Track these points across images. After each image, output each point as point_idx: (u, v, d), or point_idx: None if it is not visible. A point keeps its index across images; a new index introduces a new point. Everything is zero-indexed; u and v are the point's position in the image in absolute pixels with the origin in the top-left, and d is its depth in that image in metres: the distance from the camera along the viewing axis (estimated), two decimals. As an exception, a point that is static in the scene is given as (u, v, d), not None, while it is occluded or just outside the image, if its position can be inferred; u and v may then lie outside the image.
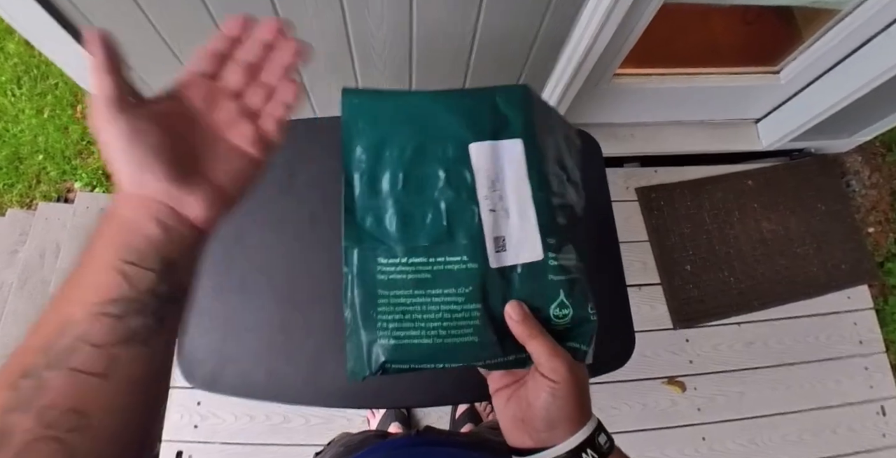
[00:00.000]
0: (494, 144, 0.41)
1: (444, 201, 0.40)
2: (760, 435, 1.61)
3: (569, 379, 0.38)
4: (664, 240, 1.77)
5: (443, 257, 0.39)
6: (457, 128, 0.41)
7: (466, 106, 0.42)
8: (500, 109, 0.42)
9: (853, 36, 1.38)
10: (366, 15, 1.04)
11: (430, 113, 0.41)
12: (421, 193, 0.40)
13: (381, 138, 0.41)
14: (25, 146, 1.91)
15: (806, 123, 1.66)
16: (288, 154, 0.86)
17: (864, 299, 1.80)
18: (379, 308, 0.39)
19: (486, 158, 0.41)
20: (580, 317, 0.41)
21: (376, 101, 0.42)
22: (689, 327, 1.69)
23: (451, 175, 0.40)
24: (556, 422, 0.38)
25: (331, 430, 1.46)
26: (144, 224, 0.33)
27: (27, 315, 1.55)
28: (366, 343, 0.39)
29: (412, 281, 0.39)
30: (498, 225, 0.40)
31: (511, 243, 0.40)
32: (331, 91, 1.34)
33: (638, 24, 1.23)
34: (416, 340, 0.38)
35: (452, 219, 0.40)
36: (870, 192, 1.99)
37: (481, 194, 0.40)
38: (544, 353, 0.38)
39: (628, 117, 1.75)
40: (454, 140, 0.41)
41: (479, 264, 0.40)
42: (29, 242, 1.65)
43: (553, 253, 0.40)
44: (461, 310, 0.39)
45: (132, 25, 1.05)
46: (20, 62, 2.02)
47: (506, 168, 0.41)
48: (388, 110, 0.42)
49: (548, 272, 0.40)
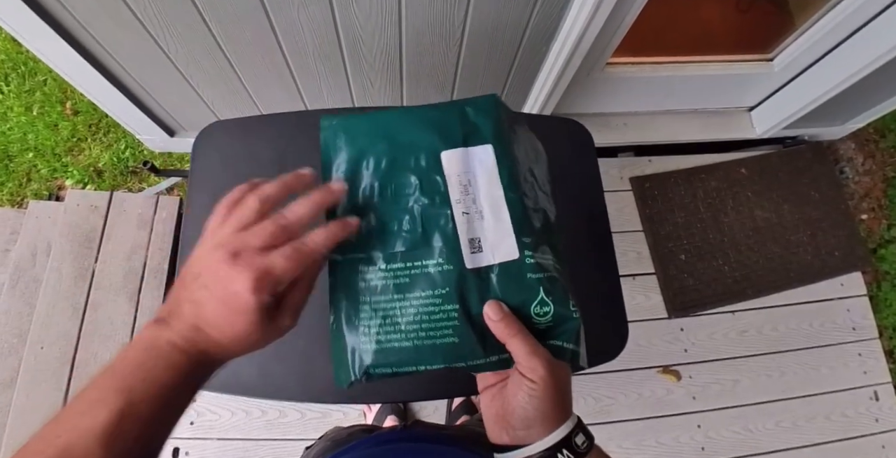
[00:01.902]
0: (465, 150, 0.43)
1: (419, 208, 0.42)
2: (755, 422, 1.62)
3: (547, 379, 0.37)
4: (658, 229, 1.77)
5: (420, 261, 0.41)
6: (428, 138, 0.43)
7: (437, 118, 0.44)
8: (469, 119, 0.44)
9: (846, 22, 1.38)
10: (353, 7, 1.03)
11: (403, 127, 0.43)
12: (396, 201, 0.42)
13: (357, 154, 0.43)
14: (15, 144, 1.89)
15: (800, 111, 1.66)
16: (279, 148, 0.85)
17: (858, 285, 1.81)
18: (361, 314, 0.40)
19: (458, 164, 0.42)
20: (561, 315, 0.40)
21: (350, 121, 0.44)
22: (683, 316, 1.70)
23: (424, 182, 0.42)
24: (532, 421, 0.38)
25: (327, 424, 1.46)
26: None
27: (19, 314, 1.55)
28: (349, 349, 0.40)
29: (392, 286, 0.40)
30: (472, 227, 0.41)
31: (487, 243, 0.41)
32: (320, 85, 1.33)
33: (630, 11, 1.22)
34: (397, 343, 0.39)
35: (427, 224, 0.41)
36: (863, 178, 2.00)
37: (454, 198, 0.42)
38: (523, 352, 0.38)
39: (621, 107, 1.75)
40: (426, 150, 0.43)
41: (455, 265, 0.40)
42: (20, 241, 1.64)
43: (530, 251, 0.41)
44: (439, 311, 0.39)
45: (118, 22, 1.04)
46: (7, 59, 1.99)
47: (477, 172, 0.42)
48: (363, 129, 0.44)
49: (525, 271, 0.40)
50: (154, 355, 0.35)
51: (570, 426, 0.38)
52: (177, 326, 0.36)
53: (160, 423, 0.34)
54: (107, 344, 1.51)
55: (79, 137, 1.90)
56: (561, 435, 0.38)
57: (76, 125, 1.90)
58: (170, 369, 0.35)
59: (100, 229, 1.63)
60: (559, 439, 0.38)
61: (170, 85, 1.30)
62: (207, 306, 0.35)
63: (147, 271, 1.60)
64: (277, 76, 1.27)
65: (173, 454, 1.39)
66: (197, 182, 0.84)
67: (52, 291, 1.55)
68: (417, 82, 1.34)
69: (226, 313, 0.35)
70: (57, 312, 1.53)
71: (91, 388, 0.33)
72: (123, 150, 1.87)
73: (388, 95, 1.39)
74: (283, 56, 1.19)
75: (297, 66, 1.23)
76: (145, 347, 0.35)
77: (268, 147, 0.86)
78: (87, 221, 1.63)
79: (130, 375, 0.34)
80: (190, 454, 1.41)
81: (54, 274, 1.56)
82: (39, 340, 1.50)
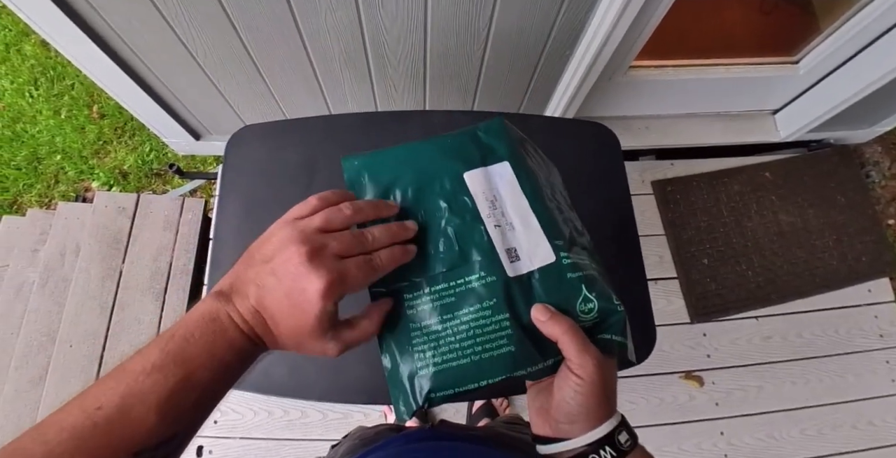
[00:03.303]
0: (485, 169, 0.45)
1: (452, 228, 0.43)
2: (779, 430, 1.59)
3: (594, 376, 0.37)
4: (681, 233, 1.76)
5: (462, 278, 0.42)
6: (449, 164, 0.45)
7: (453, 144, 0.46)
8: (483, 141, 0.46)
9: (874, 25, 1.36)
10: (379, 11, 1.04)
11: (423, 157, 0.46)
12: (429, 226, 0.43)
13: (384, 189, 0.45)
14: (43, 147, 1.93)
15: (825, 114, 1.64)
16: (307, 152, 0.86)
17: (886, 291, 1.77)
18: (413, 341, 0.40)
19: (481, 183, 0.44)
20: (606, 309, 0.41)
21: (371, 158, 0.46)
22: (706, 322, 1.68)
23: (453, 204, 0.44)
24: (577, 417, 0.38)
25: (348, 425, 1.47)
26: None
27: (49, 313, 1.58)
28: (407, 379, 0.40)
29: (440, 307, 0.41)
30: (506, 238, 0.43)
31: (523, 251, 0.42)
32: (345, 89, 1.34)
33: (654, 15, 1.22)
34: (455, 362, 0.39)
35: (463, 242, 0.43)
36: (890, 183, 1.96)
37: (484, 214, 0.43)
38: (574, 348, 0.38)
39: (644, 110, 1.74)
40: (448, 174, 0.45)
41: (498, 276, 0.41)
42: (49, 241, 1.67)
43: (564, 252, 0.42)
44: (491, 323, 0.40)
45: (150, 27, 1.06)
46: (37, 64, 2.04)
47: (500, 188, 0.44)
48: (385, 164, 0.46)
49: (564, 272, 0.42)
50: (215, 327, 0.35)
51: (614, 423, 0.39)
52: (239, 304, 0.36)
53: (213, 394, 0.35)
54: (134, 343, 1.54)
55: (105, 140, 1.94)
56: (604, 432, 0.38)
57: (102, 128, 1.94)
58: (228, 344, 0.35)
59: (127, 230, 1.66)
60: (602, 435, 0.38)
61: (198, 89, 1.32)
62: (272, 295, 0.36)
63: (173, 272, 1.62)
64: (303, 81, 1.28)
65: (197, 452, 1.41)
66: (229, 185, 0.85)
67: (81, 290, 1.58)
68: (441, 86, 1.34)
69: (288, 307, 0.35)
70: (85, 311, 1.56)
71: (153, 349, 0.33)
72: (148, 152, 1.91)
73: (411, 99, 1.40)
74: (309, 61, 1.20)
75: (322, 70, 1.25)
76: (208, 318, 0.35)
77: (297, 151, 0.87)
78: (115, 223, 1.66)
79: (193, 345, 0.34)
80: (213, 452, 1.43)
81: (83, 274, 1.59)
82: (68, 338, 1.53)
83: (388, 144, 0.86)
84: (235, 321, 0.36)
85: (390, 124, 0.91)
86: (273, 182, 0.85)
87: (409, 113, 1.17)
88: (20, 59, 2.05)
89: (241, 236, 0.81)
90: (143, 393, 0.31)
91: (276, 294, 0.35)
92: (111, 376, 0.33)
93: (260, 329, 0.36)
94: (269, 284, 0.36)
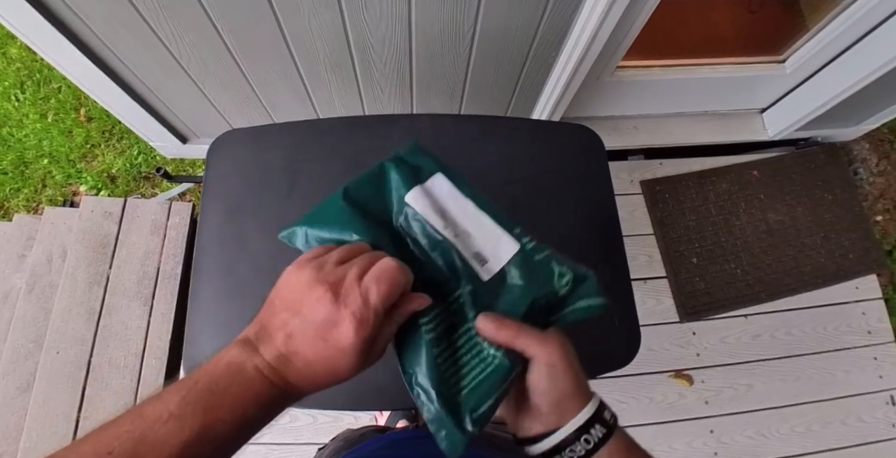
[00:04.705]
0: (421, 186, 0.45)
1: (420, 252, 0.43)
2: (769, 427, 1.60)
3: (563, 358, 0.39)
4: (670, 233, 1.76)
5: (451, 297, 0.42)
6: (388, 197, 0.45)
7: (378, 174, 0.46)
8: (409, 163, 0.47)
9: (859, 23, 1.36)
10: (364, 13, 1.04)
11: (359, 195, 0.45)
12: (414, 256, 0.43)
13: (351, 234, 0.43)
14: (30, 151, 1.92)
15: (812, 112, 1.64)
16: (291, 157, 0.86)
17: (873, 288, 1.78)
18: (441, 370, 0.40)
19: (422, 199, 0.44)
20: (579, 275, 0.43)
21: (308, 222, 0.45)
22: (695, 320, 1.69)
23: (412, 231, 0.44)
24: (561, 401, 0.39)
25: (338, 428, 1.46)
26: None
27: (35, 319, 1.57)
28: (446, 410, 0.39)
29: (443, 331, 0.41)
30: (468, 245, 0.44)
31: (487, 252, 0.43)
32: (332, 92, 1.33)
33: (640, 15, 1.22)
34: (481, 374, 0.40)
35: (435, 260, 0.43)
36: (877, 180, 1.97)
37: (440, 227, 0.43)
38: (534, 343, 0.39)
39: (632, 110, 1.74)
40: (394, 207, 0.45)
41: (475, 281, 0.43)
42: (36, 246, 1.66)
43: (525, 237, 0.44)
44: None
45: (132, 31, 1.05)
46: (23, 67, 2.02)
47: (444, 199, 0.45)
48: (329, 216, 0.44)
49: (532, 255, 0.43)
50: (241, 380, 0.34)
51: (597, 401, 0.40)
52: (267, 353, 0.35)
53: (232, 445, 0.34)
54: (121, 349, 1.53)
55: (92, 144, 1.92)
56: (591, 411, 0.39)
57: (90, 132, 1.93)
58: (254, 396, 0.34)
59: (114, 234, 1.65)
60: (590, 414, 0.39)
61: (182, 93, 1.31)
62: (303, 341, 0.35)
63: (160, 277, 1.61)
64: (289, 84, 1.28)
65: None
66: (211, 190, 0.85)
67: (68, 296, 1.57)
68: (428, 89, 1.34)
69: (323, 349, 0.35)
70: (72, 317, 1.55)
71: (173, 395, 0.32)
72: (136, 156, 1.90)
73: (398, 102, 1.40)
74: (294, 64, 1.20)
75: (308, 73, 1.24)
76: (234, 369, 0.34)
77: (281, 156, 0.86)
78: (102, 227, 1.65)
79: (215, 396, 0.33)
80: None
81: (69, 279, 1.58)
82: (55, 344, 1.52)
83: (374, 148, 0.86)
84: (263, 372, 0.34)
85: (377, 128, 0.91)
86: (256, 188, 0.85)
87: (395, 116, 1.17)
88: (5, 62, 2.03)
89: (223, 242, 0.81)
90: (157, 442, 0.30)
91: (308, 339, 0.35)
92: (128, 419, 0.32)
93: (293, 377, 0.35)
94: (298, 330, 0.35)
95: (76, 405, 1.47)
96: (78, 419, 1.46)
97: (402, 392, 0.76)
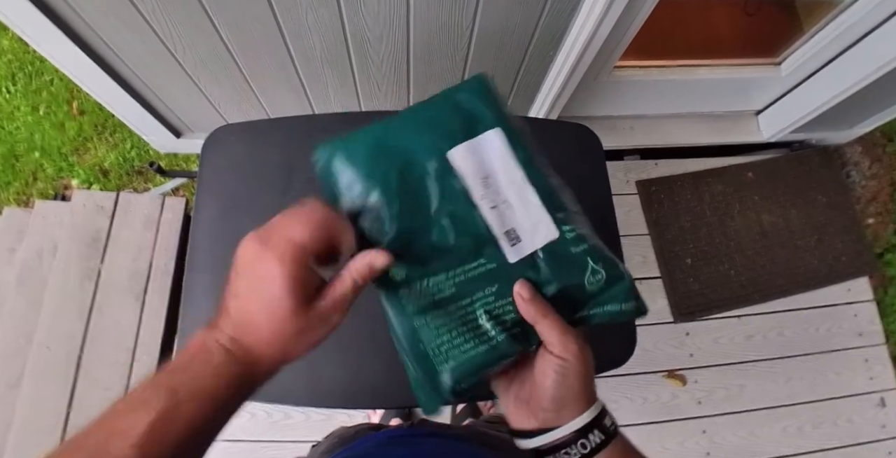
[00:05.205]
0: (472, 142, 0.40)
1: (445, 215, 0.40)
2: (761, 428, 1.61)
3: (579, 356, 0.37)
4: (664, 233, 1.76)
5: (461, 268, 0.39)
6: (429, 142, 0.40)
7: (430, 117, 0.41)
8: (465, 107, 0.41)
9: (854, 27, 1.37)
10: (362, 9, 1.03)
11: (399, 137, 0.41)
12: (418, 216, 0.40)
13: (363, 180, 0.40)
14: (21, 144, 1.89)
15: (807, 115, 1.65)
16: (286, 153, 0.85)
17: (865, 290, 1.80)
18: (422, 337, 0.39)
19: (468, 159, 0.40)
20: (613, 276, 0.40)
21: (343, 146, 0.41)
22: (689, 321, 1.69)
23: (442, 188, 0.40)
24: (565, 401, 0.38)
25: (331, 426, 1.44)
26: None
27: (25, 315, 1.55)
28: (425, 376, 0.39)
29: (441, 300, 0.39)
30: (504, 219, 0.40)
31: (523, 231, 0.40)
32: (328, 88, 1.32)
33: (638, 15, 1.22)
34: (472, 350, 0.38)
35: (458, 229, 0.40)
36: (870, 183, 1.98)
37: (477, 196, 0.40)
38: (557, 331, 0.37)
39: (628, 110, 1.74)
40: (431, 155, 0.40)
41: (498, 263, 0.39)
42: (26, 240, 1.64)
43: (567, 225, 0.40)
44: (496, 308, 0.39)
45: (127, 24, 1.04)
46: (14, 59, 2.00)
47: (492, 161, 0.40)
48: (358, 151, 0.41)
49: (569, 246, 0.40)
50: (202, 356, 0.34)
51: (599, 408, 0.39)
52: (223, 325, 0.35)
53: (202, 428, 0.33)
54: (113, 345, 1.51)
55: (85, 137, 1.90)
56: (592, 415, 0.38)
57: (82, 125, 1.91)
58: (217, 369, 0.33)
59: (106, 229, 1.63)
60: (590, 419, 0.38)
61: (177, 87, 1.30)
62: (245, 297, 0.34)
63: (153, 273, 1.60)
64: (285, 79, 1.27)
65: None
66: (205, 186, 0.84)
67: (59, 291, 1.55)
68: (425, 86, 1.33)
69: (259, 298, 0.34)
70: (63, 312, 1.53)
71: (137, 388, 0.32)
72: (129, 150, 1.88)
73: (394, 99, 1.39)
74: (290, 59, 1.19)
75: (304, 69, 1.23)
76: (195, 349, 0.34)
77: (276, 152, 0.86)
78: (94, 222, 1.63)
79: (177, 374, 0.33)
80: (194, 455, 1.41)
81: (60, 274, 1.56)
82: (45, 340, 1.50)
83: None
84: (223, 345, 0.34)
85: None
86: (251, 183, 0.84)
87: (392, 113, 1.16)
88: (-4, 54, 2.01)
89: (216, 238, 0.80)
90: (125, 428, 0.30)
91: (246, 290, 0.34)
92: (96, 421, 0.31)
93: (249, 342, 0.34)
94: (240, 286, 0.35)
95: (66, 401, 1.45)
96: (68, 415, 1.44)
97: (395, 392, 0.76)
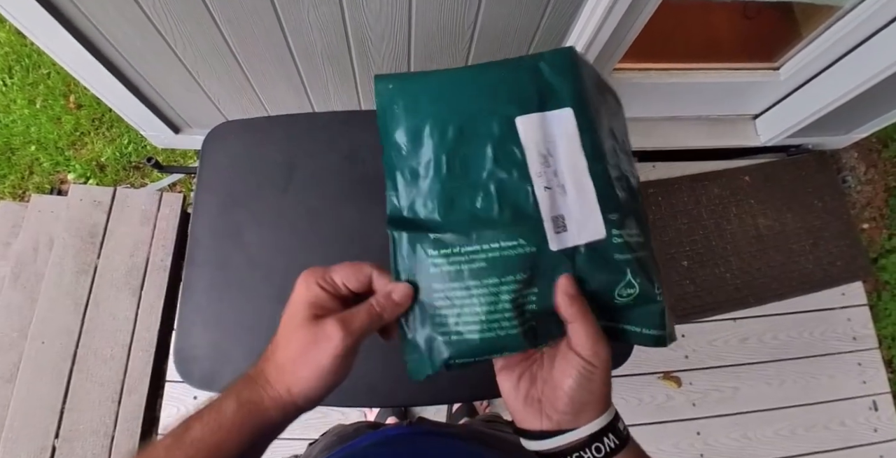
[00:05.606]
0: (543, 115, 0.37)
1: (494, 183, 0.37)
2: (754, 430, 1.62)
3: (606, 363, 0.36)
4: (661, 235, 1.77)
5: (497, 243, 0.36)
6: (500, 102, 0.38)
7: (508, 78, 0.38)
8: (545, 77, 0.38)
9: (853, 33, 1.38)
10: (364, 8, 1.03)
11: (470, 90, 0.38)
12: (468, 176, 0.37)
13: (421, 122, 0.38)
14: (17, 137, 1.88)
15: (804, 120, 1.66)
16: (287, 151, 0.85)
17: (858, 295, 1.81)
18: (435, 303, 0.37)
19: (536, 132, 0.37)
20: (645, 296, 0.38)
21: (410, 83, 0.39)
22: (684, 323, 1.70)
23: (499, 153, 0.37)
24: (584, 405, 0.37)
25: (327, 424, 1.44)
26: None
27: (20, 309, 1.54)
28: (425, 341, 0.37)
29: (467, 272, 0.36)
30: (555, 203, 0.37)
31: (572, 221, 0.37)
32: (328, 86, 1.32)
33: (639, 19, 1.22)
34: (479, 334, 0.36)
35: (505, 201, 0.37)
36: (865, 188, 2.00)
37: (534, 171, 0.37)
38: (590, 335, 0.36)
39: (627, 112, 1.73)
40: (498, 116, 0.37)
41: (538, 247, 0.37)
42: (22, 234, 1.63)
43: (617, 229, 0.37)
44: (520, 297, 0.37)
45: (128, 19, 1.04)
46: (11, 51, 1.98)
47: (557, 141, 0.37)
48: (425, 92, 0.38)
49: (612, 252, 0.37)
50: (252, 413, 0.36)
51: (613, 411, 0.38)
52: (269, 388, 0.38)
53: None
54: (108, 340, 1.51)
55: (82, 131, 1.89)
56: (607, 420, 0.37)
57: (79, 119, 1.90)
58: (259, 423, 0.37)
59: (103, 224, 1.62)
60: (606, 423, 0.37)
61: (177, 82, 1.29)
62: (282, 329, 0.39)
63: (149, 268, 1.59)
64: (285, 76, 1.27)
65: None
66: (206, 181, 0.84)
67: (54, 285, 1.54)
68: (425, 85, 1.33)
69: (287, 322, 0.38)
70: (58, 307, 1.52)
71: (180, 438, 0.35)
72: (127, 145, 1.87)
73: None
74: (291, 56, 1.19)
75: (305, 66, 1.23)
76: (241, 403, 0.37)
77: (276, 149, 0.86)
78: (91, 217, 1.63)
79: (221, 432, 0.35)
80: (188, 452, 1.40)
81: (56, 269, 1.56)
82: (40, 335, 1.50)
83: (370, 143, 0.85)
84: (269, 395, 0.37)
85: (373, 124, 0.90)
86: (250, 180, 0.84)
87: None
88: (-6, 46, 1.99)
89: (217, 235, 0.80)
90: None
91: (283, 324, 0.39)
92: None
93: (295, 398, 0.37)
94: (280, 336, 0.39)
95: (61, 396, 1.45)
96: (62, 410, 1.44)
97: (392, 390, 0.76)
